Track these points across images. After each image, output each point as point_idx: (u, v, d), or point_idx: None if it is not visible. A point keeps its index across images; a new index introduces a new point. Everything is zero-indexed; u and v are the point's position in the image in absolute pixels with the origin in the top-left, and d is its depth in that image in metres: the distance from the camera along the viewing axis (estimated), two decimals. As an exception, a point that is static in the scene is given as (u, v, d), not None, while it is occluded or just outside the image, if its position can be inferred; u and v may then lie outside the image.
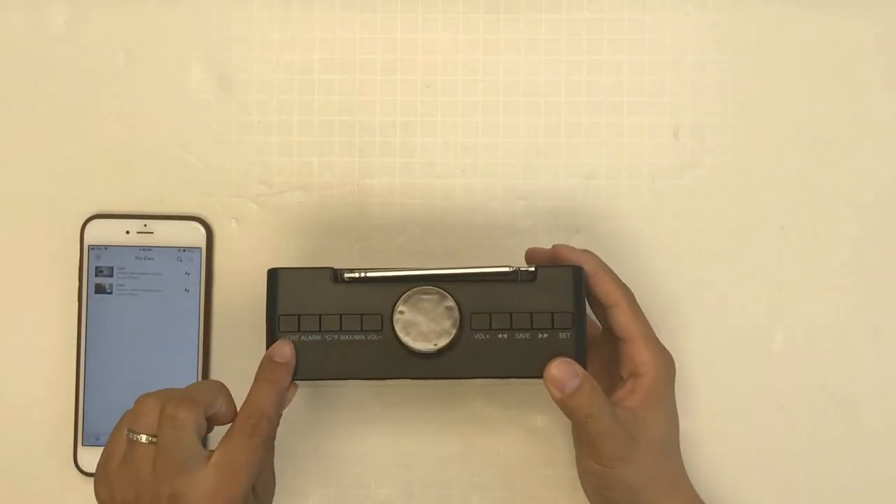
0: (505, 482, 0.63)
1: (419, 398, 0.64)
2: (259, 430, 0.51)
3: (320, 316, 0.54)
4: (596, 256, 0.57)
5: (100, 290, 0.63)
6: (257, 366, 0.54)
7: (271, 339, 0.54)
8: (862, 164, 0.64)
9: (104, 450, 0.52)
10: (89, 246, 0.63)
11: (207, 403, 0.52)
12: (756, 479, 0.63)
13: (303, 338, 0.54)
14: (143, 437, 0.50)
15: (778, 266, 0.64)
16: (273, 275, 0.55)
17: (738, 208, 0.64)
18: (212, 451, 0.51)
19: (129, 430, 0.51)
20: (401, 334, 0.53)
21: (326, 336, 0.54)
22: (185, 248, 0.63)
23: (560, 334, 0.54)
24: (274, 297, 0.54)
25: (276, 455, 0.55)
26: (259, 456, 0.51)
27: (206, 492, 0.49)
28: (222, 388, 0.53)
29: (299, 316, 0.54)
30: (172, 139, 0.65)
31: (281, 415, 0.53)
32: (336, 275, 0.54)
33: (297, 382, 0.54)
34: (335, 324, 0.54)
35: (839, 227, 0.64)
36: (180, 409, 0.50)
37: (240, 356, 0.62)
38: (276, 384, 0.53)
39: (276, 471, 0.55)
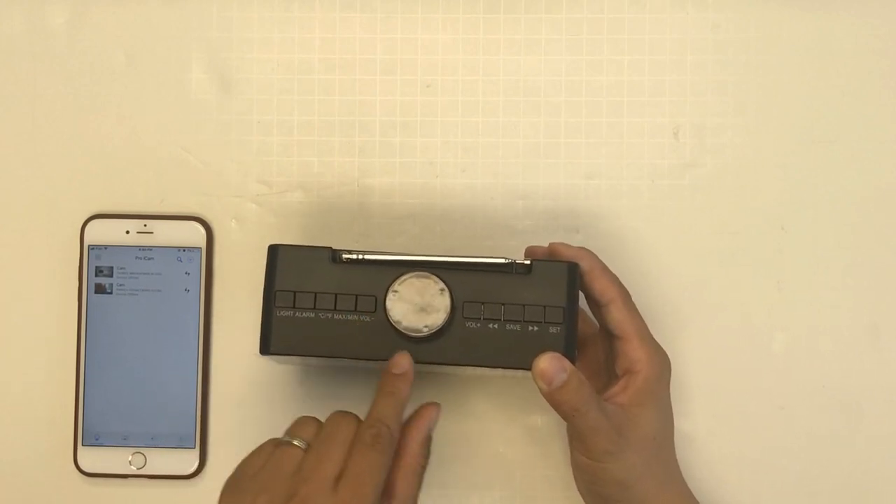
0: (505, 482, 0.63)
1: (419, 398, 0.64)
2: (380, 439, 0.50)
3: (316, 294, 0.54)
4: (592, 254, 0.57)
5: (100, 290, 0.63)
6: (257, 366, 0.54)
7: (267, 314, 0.54)
8: (862, 164, 0.64)
9: (237, 469, 0.51)
10: (89, 246, 0.63)
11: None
12: (755, 479, 0.63)
13: (297, 314, 0.54)
14: (297, 441, 0.51)
15: (778, 266, 0.64)
16: (273, 251, 0.55)
17: (738, 208, 0.64)
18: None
19: (286, 435, 0.51)
20: (392, 317, 0.54)
21: (321, 314, 0.54)
22: (185, 248, 0.63)
23: (551, 328, 0.54)
24: (272, 272, 0.55)
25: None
26: (381, 464, 0.50)
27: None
28: None
29: (295, 293, 0.54)
30: (172, 139, 0.65)
31: (405, 421, 0.53)
32: (335, 255, 0.55)
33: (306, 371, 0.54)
34: (330, 303, 0.54)
35: (839, 227, 0.64)
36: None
37: (240, 356, 0.62)
38: (394, 395, 0.52)
39: None
